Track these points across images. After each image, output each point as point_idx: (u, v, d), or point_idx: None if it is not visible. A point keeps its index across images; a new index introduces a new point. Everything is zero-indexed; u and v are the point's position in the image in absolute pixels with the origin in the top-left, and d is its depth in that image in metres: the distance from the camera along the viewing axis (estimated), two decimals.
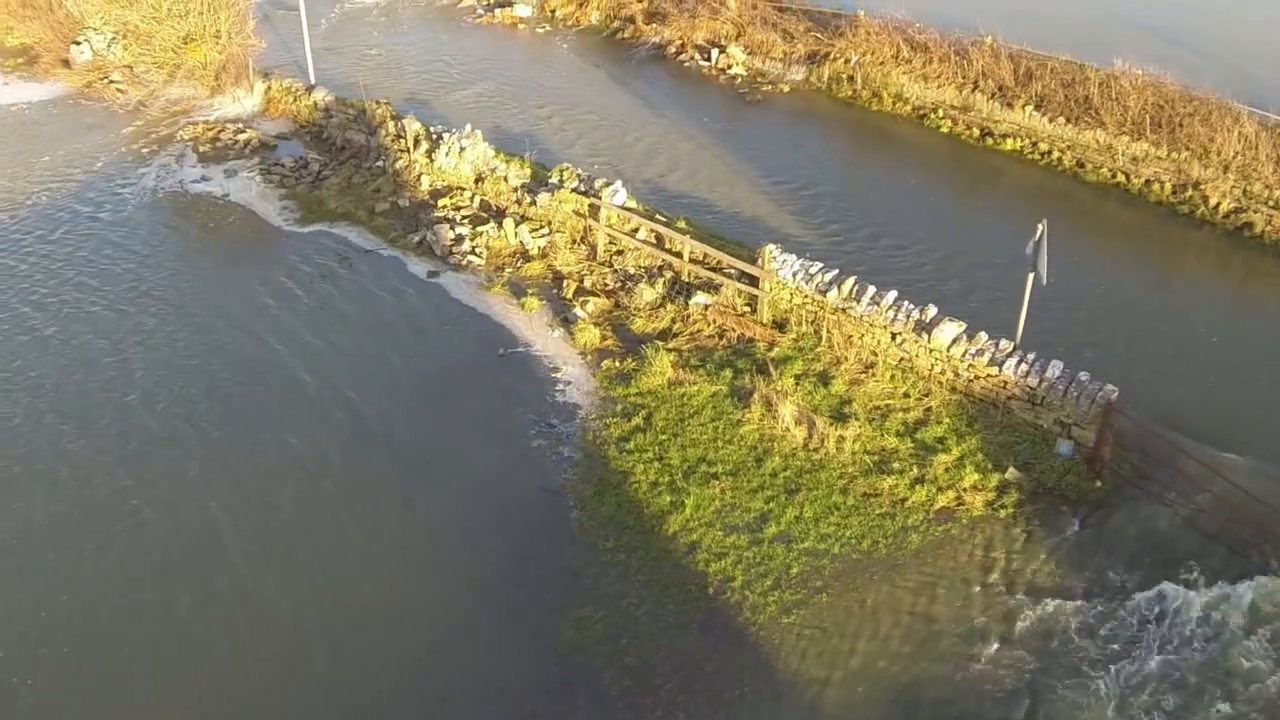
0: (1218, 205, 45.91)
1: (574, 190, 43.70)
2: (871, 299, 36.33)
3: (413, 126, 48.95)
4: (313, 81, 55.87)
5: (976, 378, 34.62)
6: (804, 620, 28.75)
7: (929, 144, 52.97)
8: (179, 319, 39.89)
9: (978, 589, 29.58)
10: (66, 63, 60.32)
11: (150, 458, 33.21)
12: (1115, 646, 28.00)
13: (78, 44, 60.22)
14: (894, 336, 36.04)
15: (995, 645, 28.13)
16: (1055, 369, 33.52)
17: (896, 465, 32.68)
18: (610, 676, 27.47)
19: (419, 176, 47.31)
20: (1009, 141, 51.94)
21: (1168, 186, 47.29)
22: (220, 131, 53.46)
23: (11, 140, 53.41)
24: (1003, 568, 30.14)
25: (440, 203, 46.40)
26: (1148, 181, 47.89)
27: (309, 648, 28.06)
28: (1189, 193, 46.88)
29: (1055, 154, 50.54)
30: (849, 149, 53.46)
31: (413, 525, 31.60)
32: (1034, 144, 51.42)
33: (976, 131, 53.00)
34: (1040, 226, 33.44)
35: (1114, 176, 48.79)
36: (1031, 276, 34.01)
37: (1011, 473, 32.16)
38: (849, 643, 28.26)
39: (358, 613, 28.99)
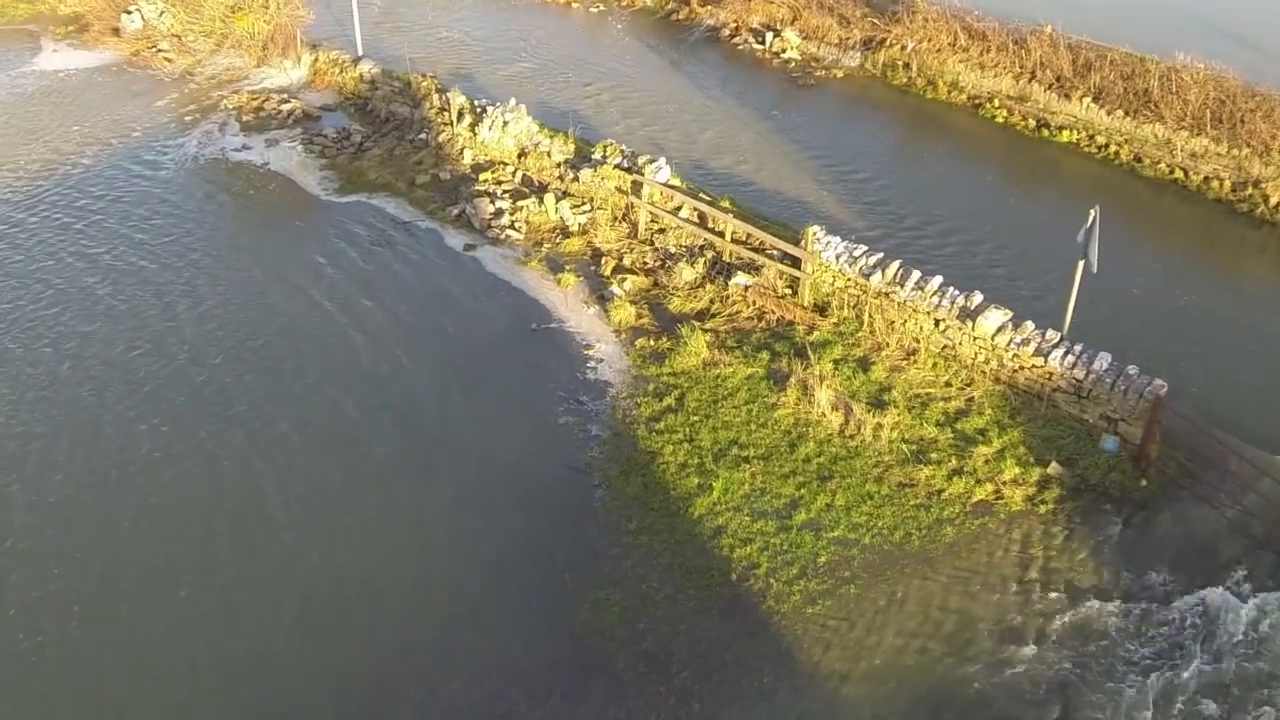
0: (1279, 205, 43.94)
1: (617, 167, 42.86)
2: (916, 284, 35.30)
3: (457, 99, 48.34)
4: (360, 54, 54.76)
5: (1021, 368, 33.59)
6: (829, 611, 27.74)
7: (983, 133, 51.85)
8: (207, 283, 39.67)
9: (1014, 587, 28.44)
10: (116, 31, 60.13)
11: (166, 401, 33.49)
12: (1155, 651, 26.87)
13: (129, 13, 60.08)
14: (937, 323, 35.01)
15: (1030, 646, 27.00)
16: (1103, 361, 32.40)
17: (934, 455, 31.64)
18: (625, 661, 26.50)
19: (461, 150, 46.48)
20: (1065, 133, 50.80)
21: (1227, 184, 45.99)
22: (265, 101, 52.99)
23: (59, 106, 52.99)
24: (1040, 565, 29.02)
25: (481, 177, 45.66)
26: (1206, 178, 46.62)
27: (317, 622, 27.64)
28: (1249, 191, 45.63)
29: (1112, 147, 49.39)
30: (901, 136, 52.38)
31: (431, 499, 30.78)
32: (1090, 137, 50.28)
33: (1032, 123, 51.85)
34: (1092, 213, 32.33)
35: (1172, 172, 47.55)
36: (1082, 264, 32.97)
37: (1054, 467, 31.06)
38: (876, 636, 27.19)
39: (369, 585, 28.35)
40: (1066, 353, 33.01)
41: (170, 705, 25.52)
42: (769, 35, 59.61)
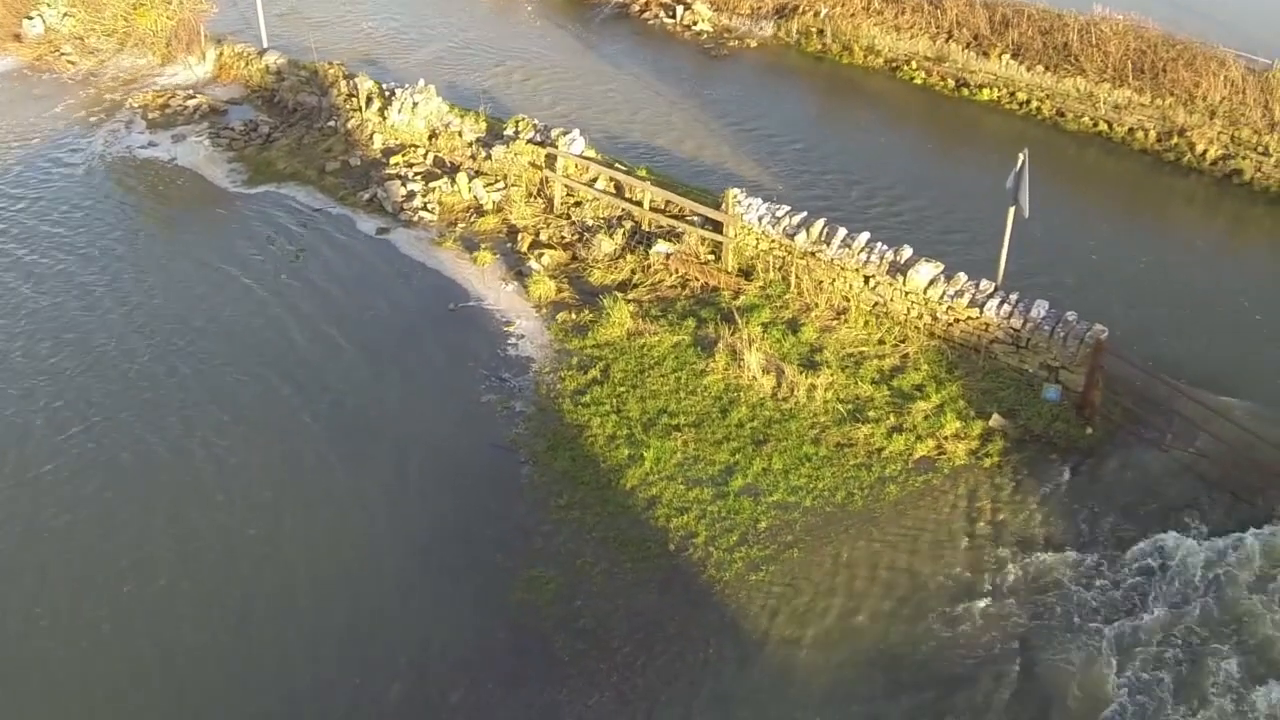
0: (1205, 152, 43.87)
1: (530, 141, 41.40)
2: (843, 241, 34.16)
3: (365, 85, 47.11)
4: (265, 45, 53.20)
5: (956, 321, 32.67)
6: (773, 577, 26.70)
7: (902, 96, 50.92)
8: (110, 280, 38.41)
9: (963, 541, 27.55)
10: (18, 37, 58.17)
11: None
12: (1114, 599, 26.06)
13: (30, 18, 58.07)
14: (867, 280, 34.03)
15: (984, 601, 26.09)
16: (1040, 309, 31.60)
17: (872, 414, 30.68)
18: (562, 640, 25.40)
19: (371, 135, 45.27)
20: (985, 92, 49.96)
21: (1152, 134, 45.32)
22: (170, 98, 51.47)
23: None
24: (989, 519, 28.14)
25: (392, 160, 44.50)
26: (1131, 129, 45.90)
27: (253, 610, 26.62)
28: (1174, 140, 44.89)
29: (1034, 103, 48.61)
30: (818, 101, 51.36)
31: (351, 484, 29.65)
32: (1011, 93, 49.47)
33: (951, 82, 50.97)
34: (1021, 156, 31.59)
35: (1096, 125, 46.83)
36: (1013, 210, 32.05)
37: (996, 419, 30.17)
38: (823, 600, 26.21)
39: (290, 575, 27.19)
40: (1002, 302, 32.12)
41: (114, 694, 24.68)
42: (679, 9, 58.29)
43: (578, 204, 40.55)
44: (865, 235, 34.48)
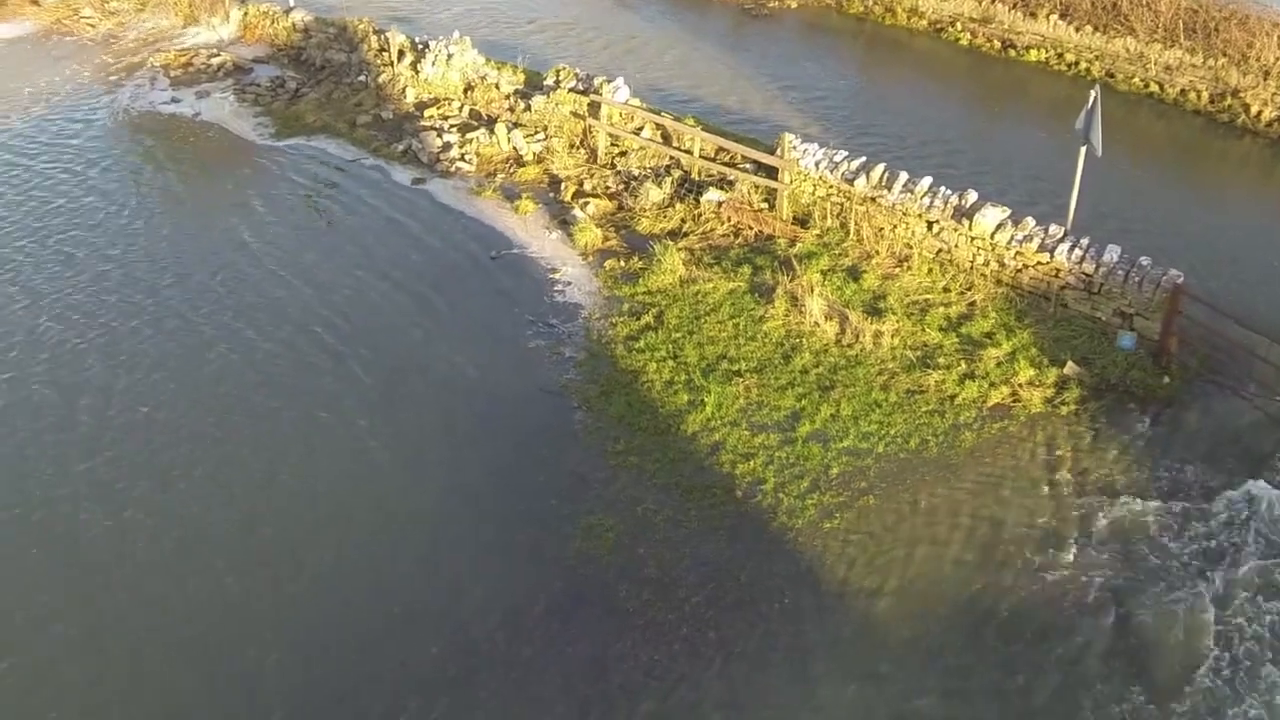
0: (1259, 114, 42.35)
1: (572, 90, 39.67)
2: (904, 186, 32.66)
3: (397, 39, 45.97)
4: (291, 4, 51.58)
5: (1025, 267, 31.22)
6: (849, 525, 25.27)
7: (948, 57, 49.51)
8: (138, 231, 37.24)
9: (1045, 489, 26.09)
10: (36, 1, 56.28)
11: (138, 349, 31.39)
12: (1204, 550, 24.63)
13: None
14: (930, 226, 32.60)
15: (1071, 550, 24.64)
16: (1113, 253, 30.17)
17: (942, 360, 29.34)
18: (626, 590, 23.96)
19: (403, 89, 44.03)
20: (1033, 53, 48.46)
21: (1205, 95, 43.77)
22: (193, 57, 50.48)
23: None
24: (1070, 467, 26.62)
25: (426, 113, 43.20)
26: (1183, 91, 44.34)
27: (288, 564, 25.11)
28: (1228, 101, 43.34)
29: (1083, 64, 47.13)
30: (863, 60, 50.18)
31: (398, 431, 28.39)
32: (1060, 54, 47.96)
33: (998, 44, 49.40)
34: (1093, 93, 30.26)
35: (1146, 86, 45.28)
36: (1084, 149, 30.46)
37: (1070, 367, 28.78)
38: (903, 549, 24.77)
39: (344, 526, 25.90)
40: (1073, 246, 30.64)
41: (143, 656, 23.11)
42: None
43: (622, 153, 39.25)
44: (928, 179, 33.12)
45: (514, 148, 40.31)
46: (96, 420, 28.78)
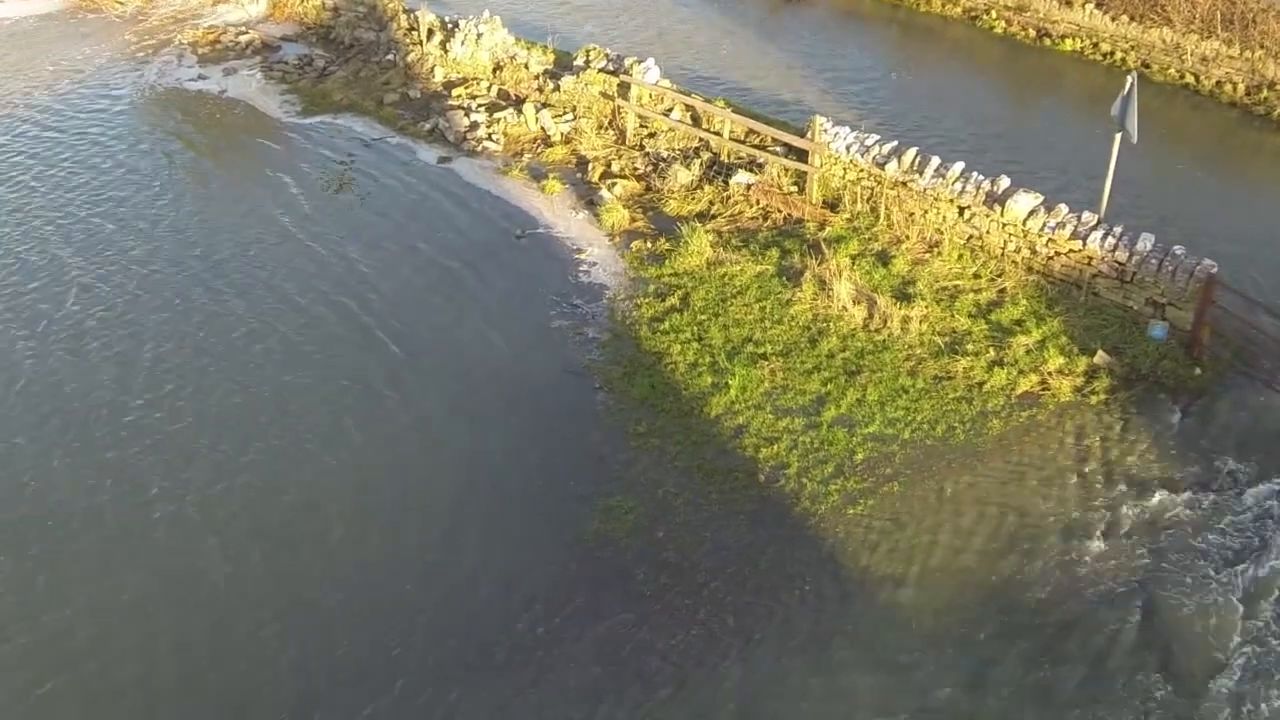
0: None
1: (602, 70, 39.21)
2: (936, 171, 32.27)
3: (426, 18, 45.60)
4: None
5: (1056, 254, 30.79)
6: (873, 511, 24.86)
7: (982, 45, 48.93)
8: (165, 205, 37.06)
9: (1073, 479, 25.64)
10: None
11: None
12: (1235, 544, 24.14)
13: None
14: (962, 211, 32.17)
15: (1099, 541, 24.22)
16: (1147, 242, 29.71)
17: (970, 347, 28.90)
18: (644, 573, 23.60)
19: (432, 68, 43.74)
20: (1068, 42, 47.87)
21: (1240, 87, 43.14)
22: (221, 35, 50.06)
23: (7, 52, 49.67)
24: (1099, 457, 26.21)
25: (454, 93, 42.89)
26: (1219, 82, 43.75)
27: (305, 539, 24.81)
28: (1264, 94, 42.71)
29: (1118, 54, 46.48)
30: (896, 46, 49.69)
31: (418, 409, 28.18)
32: (1095, 44, 47.38)
33: (1033, 32, 48.69)
34: (1130, 79, 29.76)
35: (1182, 77, 44.70)
36: (1119, 137, 29.88)
37: (1101, 356, 28.28)
38: (928, 536, 24.31)
39: (361, 501, 25.62)
40: (1106, 234, 30.19)
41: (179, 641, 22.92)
42: None
43: (651, 135, 38.86)
44: (960, 164, 32.64)
45: (542, 128, 39.87)
46: (121, 390, 28.77)
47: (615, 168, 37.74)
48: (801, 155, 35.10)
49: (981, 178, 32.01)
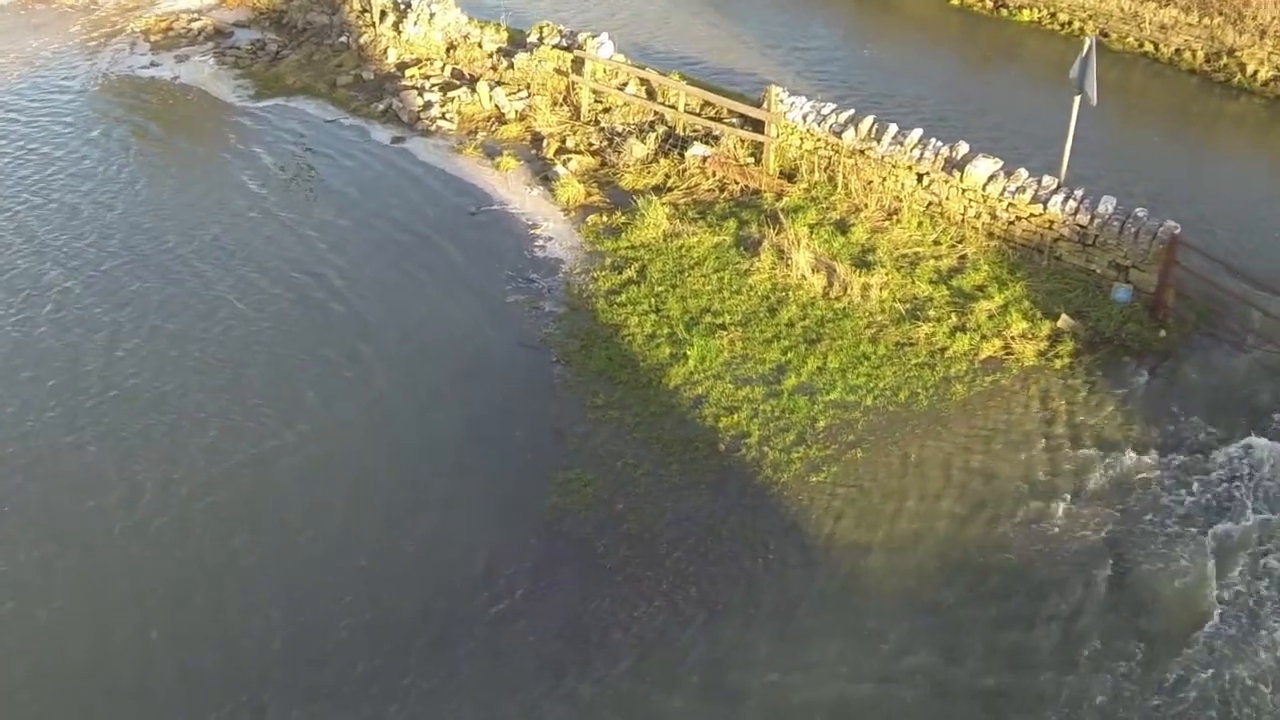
0: (1255, 73, 41.58)
1: (555, 46, 38.65)
2: (894, 138, 31.78)
3: (379, 0, 43.54)
4: None
5: (1017, 219, 30.45)
6: (836, 478, 24.53)
7: (939, 16, 48.56)
8: (117, 190, 36.58)
9: (1040, 443, 25.38)
10: None
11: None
12: (1204, 504, 23.95)
13: None
14: (920, 178, 31.84)
15: (1067, 503, 23.93)
16: (1108, 204, 29.39)
17: (932, 313, 28.55)
18: (604, 546, 23.24)
19: (385, 49, 43.27)
20: (1025, 12, 47.62)
21: (1200, 55, 42.92)
22: (173, 22, 49.54)
23: None
24: (1065, 420, 25.98)
25: (408, 73, 42.46)
26: (1178, 50, 43.49)
27: (259, 518, 24.45)
28: (1224, 61, 42.54)
29: (1076, 24, 46.19)
30: (850, 18, 49.21)
31: (371, 385, 27.79)
32: (1053, 14, 47.09)
33: (989, 3, 48.33)
34: (1088, 41, 29.49)
35: (1141, 45, 44.50)
36: (1079, 99, 29.61)
37: (1064, 320, 28.02)
38: (892, 502, 24.02)
39: (316, 479, 25.25)
40: (1067, 198, 29.91)
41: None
42: None
43: (606, 110, 38.45)
44: (918, 131, 32.32)
45: (496, 106, 39.43)
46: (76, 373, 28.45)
47: (570, 143, 37.28)
48: (758, 126, 34.71)
49: (940, 144, 31.64)
